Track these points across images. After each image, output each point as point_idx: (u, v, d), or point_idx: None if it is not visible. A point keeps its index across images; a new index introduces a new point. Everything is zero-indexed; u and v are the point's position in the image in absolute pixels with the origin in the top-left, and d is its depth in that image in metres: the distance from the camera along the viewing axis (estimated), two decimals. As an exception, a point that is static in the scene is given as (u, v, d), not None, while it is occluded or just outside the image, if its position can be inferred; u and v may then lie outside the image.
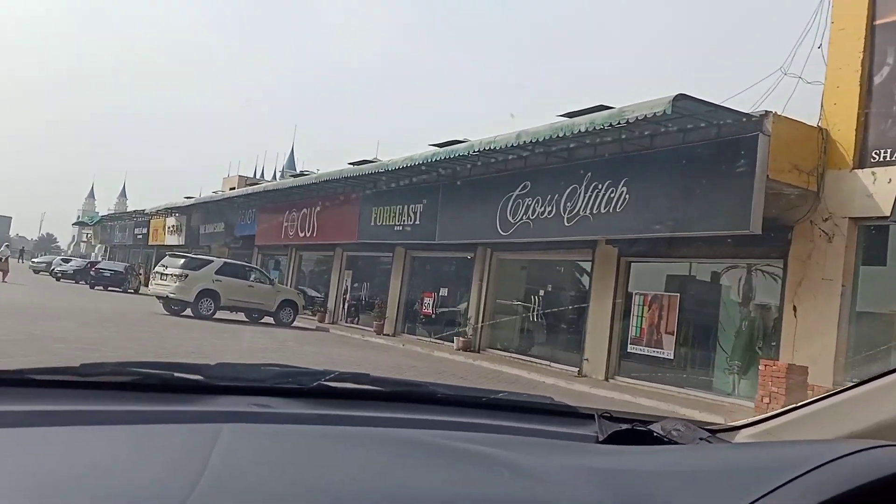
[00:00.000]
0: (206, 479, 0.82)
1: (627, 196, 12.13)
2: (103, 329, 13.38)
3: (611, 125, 11.16)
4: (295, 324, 20.71)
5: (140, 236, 42.74)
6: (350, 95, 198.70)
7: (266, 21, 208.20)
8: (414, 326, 20.05)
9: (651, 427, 1.29)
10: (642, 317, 13.29)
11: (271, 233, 25.80)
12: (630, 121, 10.75)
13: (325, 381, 1.30)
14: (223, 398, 1.19)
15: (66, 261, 42.20)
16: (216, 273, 19.18)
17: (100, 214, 54.26)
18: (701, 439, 1.26)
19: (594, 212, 12.74)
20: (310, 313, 22.86)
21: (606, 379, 13.42)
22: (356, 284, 23.49)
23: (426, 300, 19.30)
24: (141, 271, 35.24)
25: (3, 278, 26.42)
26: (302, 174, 22.93)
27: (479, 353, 16.71)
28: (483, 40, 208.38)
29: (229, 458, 0.92)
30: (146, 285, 25.58)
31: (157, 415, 1.05)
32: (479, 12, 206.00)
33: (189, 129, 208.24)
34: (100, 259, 50.61)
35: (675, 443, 1.24)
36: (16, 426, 0.92)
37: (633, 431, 1.29)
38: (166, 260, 19.64)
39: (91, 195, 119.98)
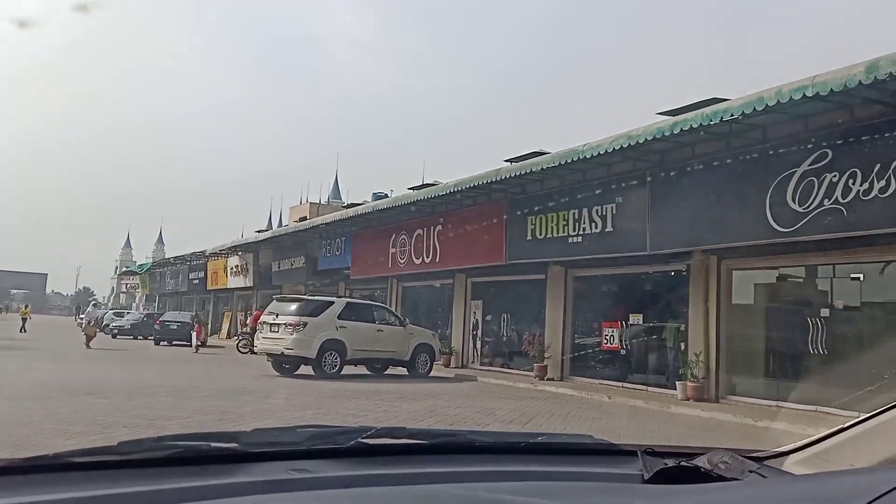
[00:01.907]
0: None
1: None
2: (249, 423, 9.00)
3: None
4: (432, 373, 16.38)
5: (196, 281, 38.93)
6: (390, 119, 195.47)
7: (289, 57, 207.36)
8: (588, 368, 15.56)
9: (696, 463, 1.27)
10: None
11: (371, 263, 21.56)
12: None
13: (363, 438, 1.29)
14: (261, 465, 1.18)
15: (119, 314, 38.35)
16: (339, 318, 14.91)
17: (150, 262, 50.62)
18: (751, 472, 1.24)
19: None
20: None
21: None
22: (489, 317, 19.06)
23: (609, 332, 14.77)
24: (207, 320, 31.26)
25: (89, 343, 22.21)
26: (426, 186, 18.51)
27: (717, 402, 12.16)
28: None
29: None
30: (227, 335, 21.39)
31: (196, 491, 1.03)
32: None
33: (222, 173, 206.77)
34: (142, 310, 46.90)
35: (724, 478, 1.21)
36: None
37: (679, 468, 1.26)
38: (274, 305, 15.38)
39: (127, 244, 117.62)
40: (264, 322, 15.00)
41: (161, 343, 27.03)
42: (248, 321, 30.94)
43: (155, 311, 39.00)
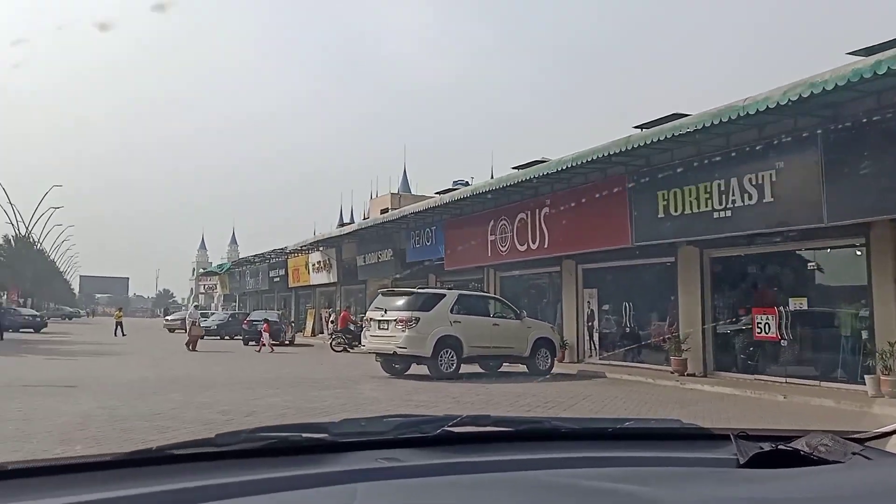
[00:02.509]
0: None
1: None
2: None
3: None
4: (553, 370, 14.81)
5: (277, 279, 38.40)
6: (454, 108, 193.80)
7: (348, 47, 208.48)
8: (737, 361, 13.68)
9: (795, 446, 1.23)
10: None
11: (467, 252, 20.07)
12: None
13: (449, 426, 1.30)
14: (351, 455, 1.20)
15: (203, 314, 38.17)
16: (452, 311, 13.49)
17: (226, 262, 50.70)
18: (854, 454, 1.19)
19: None
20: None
21: None
22: (606, 307, 17.32)
23: (762, 320, 12.83)
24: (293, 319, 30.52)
25: (194, 346, 21.47)
26: (534, 163, 16.75)
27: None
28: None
29: None
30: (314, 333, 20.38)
31: (290, 480, 1.06)
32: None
33: (291, 172, 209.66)
34: (220, 310, 46.87)
35: (825, 461, 1.17)
36: None
37: (777, 452, 1.21)
38: (381, 300, 14.06)
39: (203, 246, 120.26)
40: (371, 319, 13.69)
41: (250, 343, 26.30)
42: (331, 318, 30.12)
43: (237, 311, 38.68)
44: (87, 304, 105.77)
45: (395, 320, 13.03)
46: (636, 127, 14.14)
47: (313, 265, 32.55)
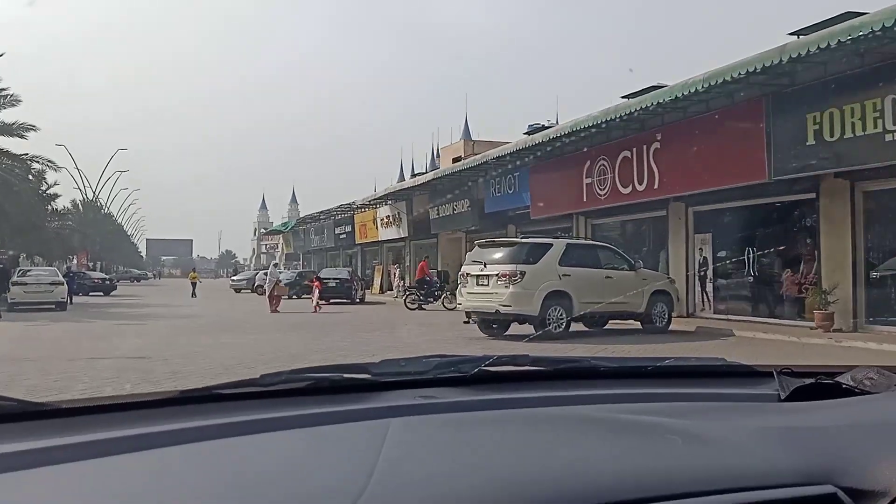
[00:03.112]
0: (378, 472, 0.84)
1: None
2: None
3: None
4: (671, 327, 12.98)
5: (343, 235, 37.25)
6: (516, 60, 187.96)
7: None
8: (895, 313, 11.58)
9: (839, 379, 1.22)
10: None
11: (558, 198, 18.20)
12: None
13: (486, 366, 1.29)
14: (390, 393, 1.21)
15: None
16: (560, 264, 11.73)
17: (290, 220, 49.93)
18: None
19: None
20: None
21: None
22: (722, 253, 15.25)
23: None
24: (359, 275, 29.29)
25: (276, 306, 20.19)
26: (647, 90, 14.30)
27: None
28: None
29: (399, 450, 0.94)
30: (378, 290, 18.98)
31: (330, 416, 1.09)
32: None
33: (347, 129, 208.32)
34: (282, 269, 46.01)
35: (868, 393, 1.16)
36: (209, 439, 0.99)
37: (819, 385, 1.21)
38: (478, 252, 12.37)
39: (263, 206, 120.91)
40: (468, 274, 12.03)
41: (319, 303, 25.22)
42: (395, 274, 28.78)
43: (304, 269, 37.74)
44: (153, 266, 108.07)
45: (496, 275, 11.36)
46: (791, 34, 11.75)
47: (381, 220, 31.15)
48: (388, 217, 30.45)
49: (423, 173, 40.78)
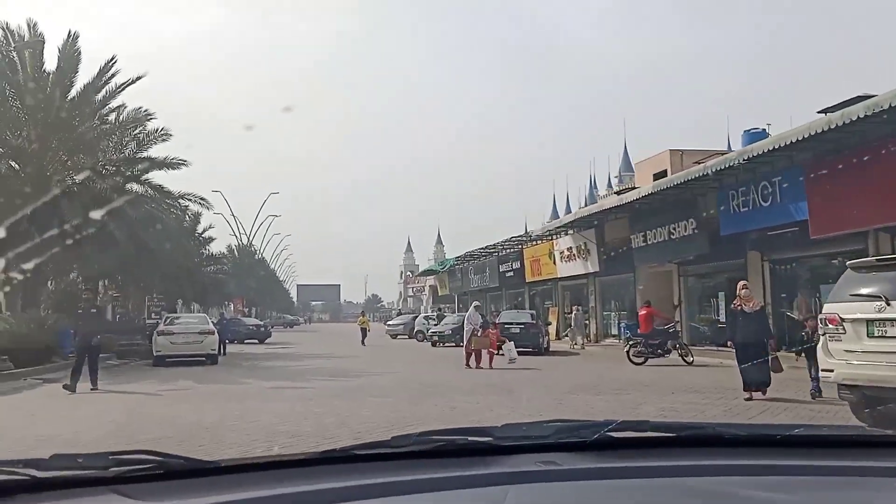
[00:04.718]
0: None
1: None
2: None
3: None
4: None
5: (510, 273, 33.02)
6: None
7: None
8: None
9: None
10: None
11: (856, 209, 12.83)
12: None
13: (607, 431, 1.27)
14: (511, 458, 1.22)
15: (430, 318, 33.78)
16: None
17: (449, 260, 46.52)
18: None
19: None
20: None
21: None
22: None
23: None
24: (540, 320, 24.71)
25: (480, 361, 15.93)
26: None
27: None
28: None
29: None
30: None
31: (452, 480, 1.12)
32: None
33: (493, 167, 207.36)
34: (431, 312, 42.20)
35: None
36: (346, 501, 1.04)
37: None
38: (858, 279, 7.38)
39: (409, 249, 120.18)
40: (846, 318, 7.05)
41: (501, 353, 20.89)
42: (573, 318, 24.00)
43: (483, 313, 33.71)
44: (303, 311, 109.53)
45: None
46: None
47: (562, 253, 26.62)
48: (570, 249, 25.87)
49: (585, 206, 35.61)
